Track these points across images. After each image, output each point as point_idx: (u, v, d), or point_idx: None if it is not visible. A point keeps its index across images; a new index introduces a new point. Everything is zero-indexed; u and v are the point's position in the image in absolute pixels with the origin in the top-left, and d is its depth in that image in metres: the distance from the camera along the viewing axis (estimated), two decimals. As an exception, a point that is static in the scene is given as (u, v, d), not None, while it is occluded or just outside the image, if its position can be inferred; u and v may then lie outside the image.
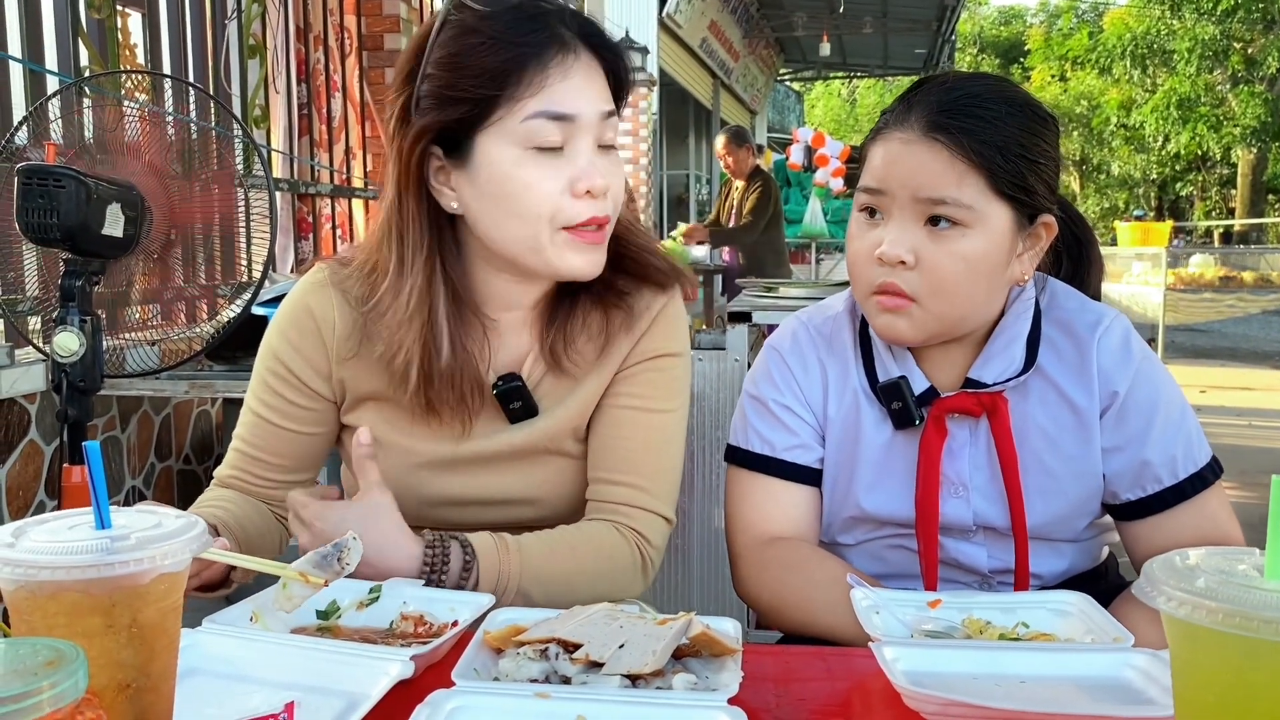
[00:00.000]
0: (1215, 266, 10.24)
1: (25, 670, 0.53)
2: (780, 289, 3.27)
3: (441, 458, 1.27)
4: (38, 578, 0.63)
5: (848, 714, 0.89)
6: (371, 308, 1.23)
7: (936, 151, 1.14)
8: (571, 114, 1.14)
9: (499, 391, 1.26)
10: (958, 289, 1.17)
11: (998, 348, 1.23)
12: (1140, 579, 0.65)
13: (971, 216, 1.14)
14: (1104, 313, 1.26)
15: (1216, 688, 0.61)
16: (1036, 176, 1.17)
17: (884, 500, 1.27)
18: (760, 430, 1.32)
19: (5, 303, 2.45)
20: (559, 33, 1.15)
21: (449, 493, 1.28)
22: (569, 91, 1.14)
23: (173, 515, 0.71)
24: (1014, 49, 32.51)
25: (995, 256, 1.17)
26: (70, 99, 2.45)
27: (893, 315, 1.19)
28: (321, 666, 0.87)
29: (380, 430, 1.26)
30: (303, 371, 1.28)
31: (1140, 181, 28.44)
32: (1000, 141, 1.14)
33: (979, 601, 1.06)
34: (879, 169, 1.19)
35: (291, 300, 1.30)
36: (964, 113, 1.15)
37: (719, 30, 13.42)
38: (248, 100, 3.96)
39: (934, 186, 1.14)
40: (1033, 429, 1.23)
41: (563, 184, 1.15)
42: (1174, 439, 1.21)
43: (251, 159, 2.76)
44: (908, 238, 1.16)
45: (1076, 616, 1.02)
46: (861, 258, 1.21)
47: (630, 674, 0.84)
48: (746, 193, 6.80)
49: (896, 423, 1.25)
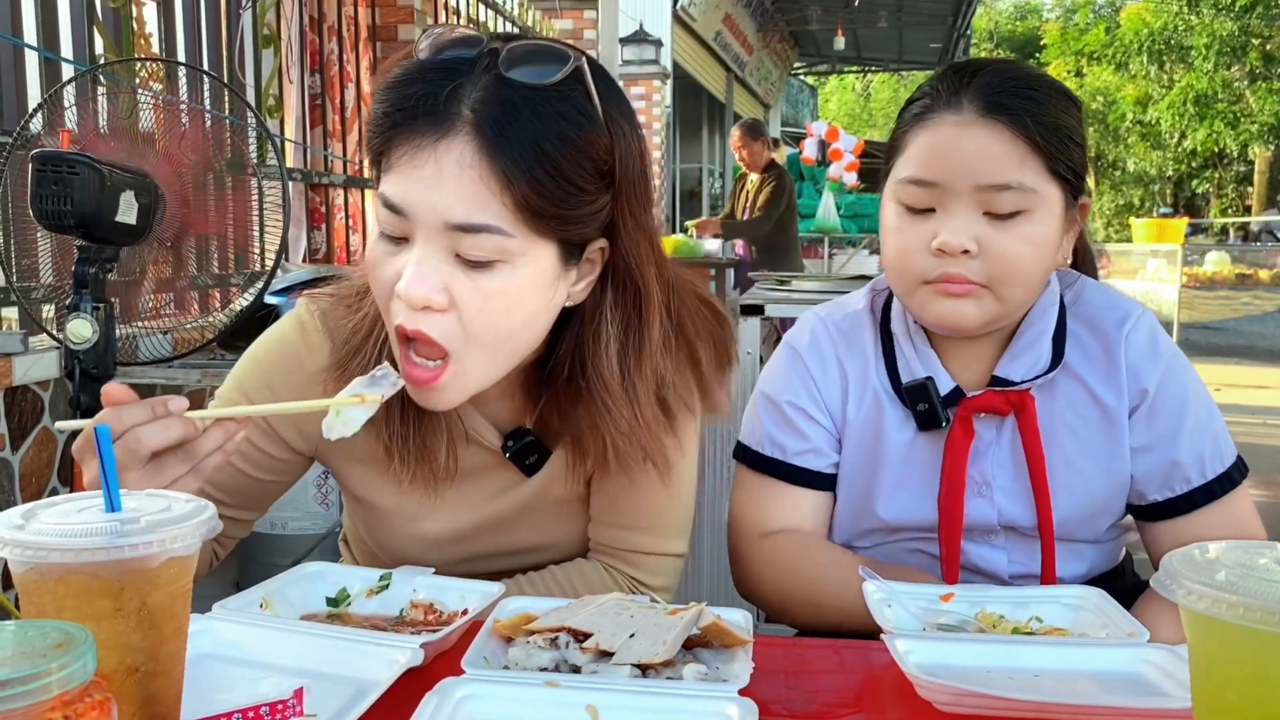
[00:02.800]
0: (1231, 264, 10.18)
1: (34, 652, 0.53)
2: (793, 282, 3.25)
3: (452, 530, 1.19)
4: (47, 560, 0.63)
5: (859, 706, 0.88)
6: (348, 334, 1.12)
7: (998, 133, 1.10)
8: (402, 208, 0.96)
9: (511, 453, 1.15)
10: (1025, 276, 1.13)
11: (1024, 344, 1.20)
12: (1159, 573, 0.64)
13: (1035, 200, 1.11)
14: (1130, 308, 1.23)
15: (1236, 682, 0.60)
16: (1080, 157, 1.15)
17: (905, 503, 1.24)
18: (771, 433, 1.29)
19: (20, 290, 2.46)
20: (447, 106, 0.94)
21: (462, 554, 1.20)
22: (405, 182, 0.95)
23: (183, 499, 0.71)
24: (1029, 44, 32.30)
25: (1054, 239, 1.15)
26: (85, 86, 2.45)
27: (958, 300, 1.13)
28: (331, 653, 0.86)
29: (381, 497, 1.18)
30: (278, 422, 1.15)
31: (1156, 178, 28.25)
32: (1054, 121, 1.12)
33: (992, 595, 1.05)
34: (929, 158, 1.13)
35: (275, 337, 1.17)
36: (1019, 93, 1.12)
37: (733, 23, 13.39)
38: (262, 90, 3.96)
39: (997, 171, 1.10)
40: (1060, 427, 1.21)
41: (394, 277, 0.98)
42: (1203, 438, 1.19)
43: (265, 148, 2.76)
44: (969, 225, 1.11)
45: (1090, 611, 1.01)
46: (911, 249, 1.15)
47: (640, 664, 0.83)
48: (761, 186, 6.78)
49: (921, 424, 1.22)
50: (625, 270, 1.06)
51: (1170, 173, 28.12)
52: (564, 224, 0.98)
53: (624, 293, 1.07)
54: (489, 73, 0.96)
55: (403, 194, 0.96)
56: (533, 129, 0.94)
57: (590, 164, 0.98)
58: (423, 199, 0.95)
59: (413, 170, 0.95)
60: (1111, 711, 0.81)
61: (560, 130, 0.95)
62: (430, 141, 0.94)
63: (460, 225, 0.94)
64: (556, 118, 0.95)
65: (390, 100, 0.97)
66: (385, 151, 0.98)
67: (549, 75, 0.96)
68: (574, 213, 0.98)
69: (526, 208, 0.95)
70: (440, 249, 0.96)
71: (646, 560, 1.19)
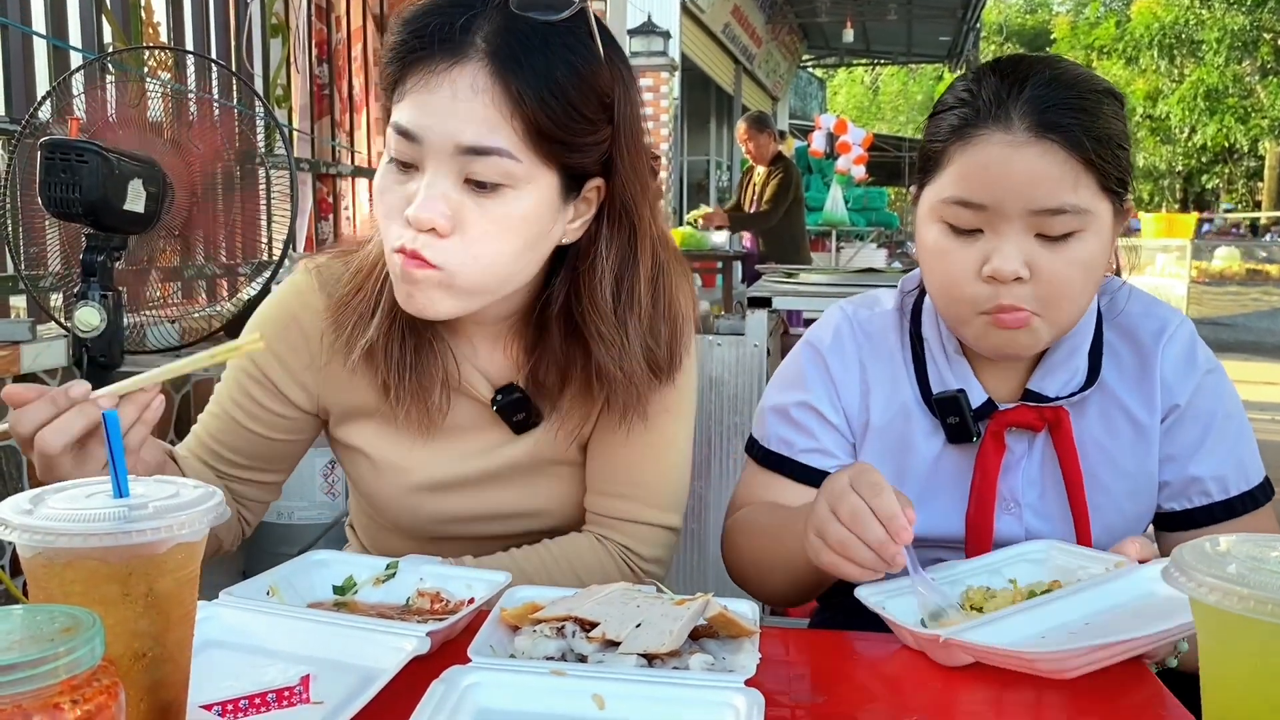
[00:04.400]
0: (1241, 259, 10.14)
1: (42, 637, 0.53)
2: (801, 274, 3.25)
3: (442, 479, 1.21)
4: (55, 545, 0.63)
5: (868, 696, 0.88)
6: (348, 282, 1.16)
7: (1052, 153, 1.03)
8: (415, 133, 1.00)
9: (499, 406, 1.19)
10: (1077, 297, 1.08)
11: (1060, 358, 1.17)
12: (1169, 565, 0.63)
13: (1088, 220, 1.06)
14: (1169, 319, 1.20)
15: (1246, 674, 0.60)
16: (1129, 162, 1.09)
17: (930, 517, 1.18)
18: (781, 430, 1.26)
19: (28, 278, 2.46)
20: (460, 37, 0.99)
21: (452, 511, 1.22)
22: (418, 108, 1.00)
23: (190, 485, 0.71)
24: (1039, 38, 32.18)
25: (1104, 256, 1.10)
26: (93, 75, 2.45)
27: (1014, 333, 1.09)
28: (338, 641, 0.86)
29: (375, 448, 1.21)
30: (281, 380, 1.20)
31: (1165, 173, 28.15)
32: (1107, 134, 1.05)
33: (962, 570, 1.05)
34: (980, 180, 1.06)
35: (277, 302, 1.21)
36: (1074, 107, 1.05)
37: (741, 15, 13.35)
38: (269, 79, 3.96)
39: (1052, 194, 1.04)
40: (1090, 444, 1.18)
41: (403, 202, 1.02)
42: (1226, 457, 1.17)
43: (274, 138, 2.76)
44: (1021, 250, 1.06)
45: (1056, 558, 1.05)
46: (962, 277, 1.09)
47: (647, 653, 0.83)
48: (768, 179, 6.77)
49: (951, 437, 1.19)
50: (621, 207, 1.12)
51: (1180, 168, 28.01)
52: (568, 150, 1.04)
53: (619, 229, 1.13)
54: (500, 8, 1.01)
55: (416, 119, 1.00)
56: (543, 58, 1.00)
57: (594, 96, 1.03)
58: (435, 123, 0.99)
59: (427, 95, 1.00)
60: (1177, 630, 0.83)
61: (569, 60, 1.01)
62: (444, 68, 0.99)
63: (471, 148, 0.99)
64: (565, 49, 1.01)
65: (405, 31, 1.02)
66: (399, 80, 1.02)
67: (558, 13, 1.02)
68: (577, 140, 1.04)
69: (534, 132, 1.00)
70: (450, 172, 1.01)
71: (638, 530, 1.21)
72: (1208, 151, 26.47)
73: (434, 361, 1.16)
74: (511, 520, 1.24)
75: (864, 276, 3.25)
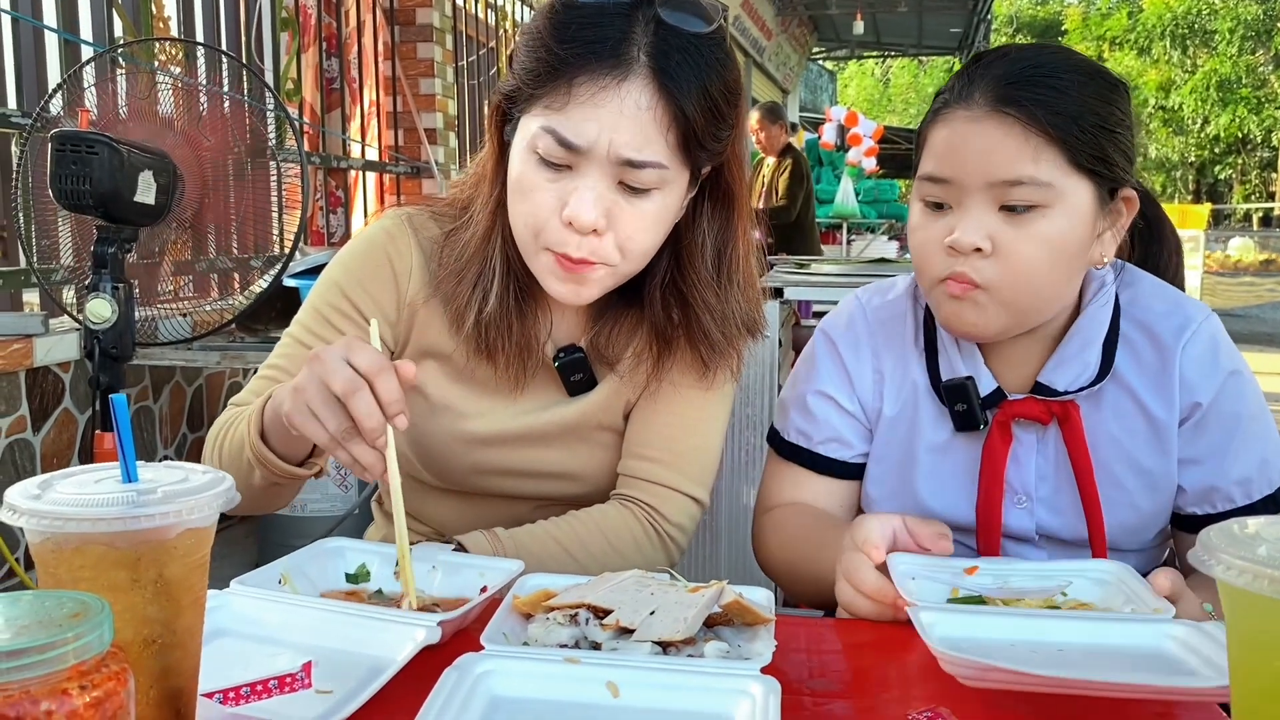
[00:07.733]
0: (1255, 250, 10.08)
1: (51, 622, 0.52)
2: (813, 265, 3.23)
3: (494, 432, 1.23)
4: (64, 529, 0.62)
5: (883, 684, 0.87)
6: (444, 243, 1.21)
7: (1008, 126, 1.05)
8: (578, 145, 1.05)
9: (560, 364, 1.23)
10: (1038, 276, 1.08)
11: (1071, 350, 1.15)
12: (1196, 548, 0.62)
13: (1051, 195, 1.05)
14: (1192, 315, 1.17)
15: (1276, 659, 0.58)
16: (1115, 146, 1.08)
17: (940, 506, 1.20)
18: (799, 420, 1.28)
19: (40, 272, 2.47)
20: (622, 50, 1.04)
21: (493, 463, 1.25)
22: (586, 121, 1.04)
23: (199, 471, 0.70)
24: (1051, 29, 32.02)
25: (1077, 238, 1.08)
26: (104, 67, 2.45)
27: (959, 303, 1.10)
28: (349, 630, 0.86)
29: (437, 389, 1.23)
30: (368, 308, 1.22)
31: (1178, 164, 28.00)
32: (1075, 110, 1.05)
33: (1017, 569, 1.03)
34: (943, 154, 1.10)
35: (364, 240, 1.25)
36: (1034, 82, 1.06)
37: (751, 8, 13.31)
38: (280, 73, 3.96)
39: (1009, 166, 1.05)
40: (1104, 438, 1.16)
41: (556, 202, 1.08)
42: (1251, 460, 1.14)
43: (284, 132, 2.76)
44: (983, 223, 1.07)
45: (1115, 586, 0.99)
46: (928, 247, 1.12)
47: (661, 641, 0.82)
48: (778, 170, 6.75)
49: (958, 425, 1.18)
50: (725, 188, 1.19)
51: (1193, 159, 27.87)
52: (706, 154, 1.11)
53: (720, 208, 1.20)
54: (651, 19, 1.06)
55: (583, 132, 1.04)
56: (698, 71, 1.06)
57: (734, 100, 1.11)
58: (601, 136, 1.04)
59: (594, 109, 1.04)
60: (1136, 689, 0.79)
61: (719, 71, 1.08)
62: (612, 82, 1.04)
63: (631, 161, 1.05)
64: (715, 60, 1.08)
65: (562, 36, 1.05)
66: (554, 86, 1.05)
67: (708, 25, 1.07)
68: (717, 145, 1.11)
69: (683, 144, 1.07)
70: (606, 176, 1.07)
71: (667, 494, 1.23)
72: (1221, 142, 26.31)
73: (537, 331, 1.23)
74: (547, 480, 1.26)
75: (876, 266, 3.24)
